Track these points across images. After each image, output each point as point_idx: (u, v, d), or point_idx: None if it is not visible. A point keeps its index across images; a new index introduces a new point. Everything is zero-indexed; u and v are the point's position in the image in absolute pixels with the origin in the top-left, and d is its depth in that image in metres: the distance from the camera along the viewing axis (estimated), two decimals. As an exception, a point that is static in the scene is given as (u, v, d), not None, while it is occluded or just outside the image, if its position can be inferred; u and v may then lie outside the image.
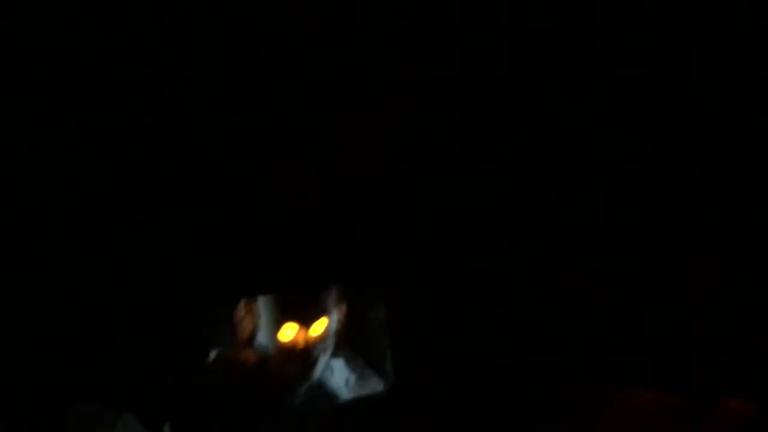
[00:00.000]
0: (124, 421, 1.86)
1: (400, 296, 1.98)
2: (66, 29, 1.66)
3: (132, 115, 1.74)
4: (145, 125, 1.77)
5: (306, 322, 1.99)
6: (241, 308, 2.04)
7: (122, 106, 1.73)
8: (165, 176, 1.82)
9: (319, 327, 2.01)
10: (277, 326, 2.00)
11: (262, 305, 2.02)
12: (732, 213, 1.94)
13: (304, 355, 1.97)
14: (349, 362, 2.20)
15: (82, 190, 1.74)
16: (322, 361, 2.05)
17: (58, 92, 1.67)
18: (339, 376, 2.12)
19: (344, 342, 2.15)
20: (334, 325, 2.07)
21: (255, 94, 1.83)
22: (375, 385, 2.16)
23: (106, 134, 1.74)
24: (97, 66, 1.69)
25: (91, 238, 1.76)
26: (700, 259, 1.97)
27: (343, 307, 2.12)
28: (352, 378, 2.15)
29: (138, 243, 1.81)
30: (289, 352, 1.97)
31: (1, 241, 1.68)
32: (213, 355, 1.92)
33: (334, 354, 2.11)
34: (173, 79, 1.77)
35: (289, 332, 1.99)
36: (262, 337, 2.07)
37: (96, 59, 1.69)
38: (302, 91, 1.87)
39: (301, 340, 1.97)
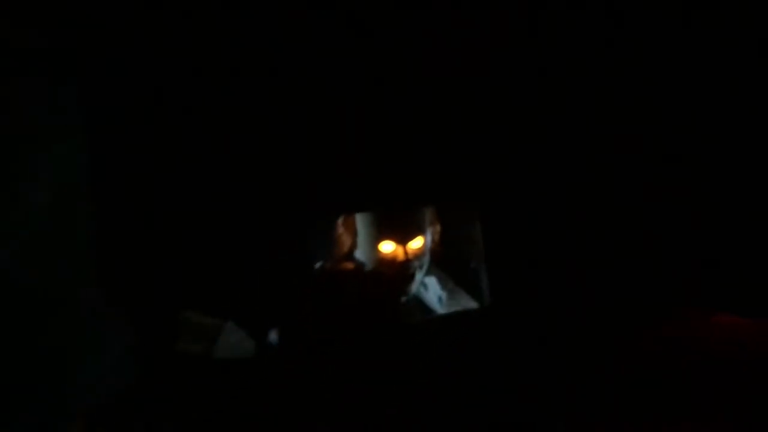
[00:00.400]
0: (228, 328, 1.96)
1: (496, 214, 2.01)
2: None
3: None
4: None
5: (403, 239, 2.05)
6: (340, 225, 2.11)
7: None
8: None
9: (416, 244, 2.06)
10: (376, 243, 2.06)
11: (360, 223, 2.08)
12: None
13: (402, 269, 2.03)
14: (440, 280, 2.29)
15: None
16: (418, 277, 2.11)
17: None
18: (432, 292, 2.20)
19: (435, 261, 2.22)
20: (429, 244, 2.12)
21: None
22: (466, 303, 2.24)
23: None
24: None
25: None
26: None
27: (437, 226, 2.18)
28: (444, 295, 2.24)
29: (250, 163, 1.86)
30: (389, 264, 2.03)
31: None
32: (316, 266, 1.99)
33: (428, 272, 2.18)
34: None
35: (387, 247, 2.05)
36: (359, 254, 2.13)
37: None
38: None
39: (400, 254, 2.03)
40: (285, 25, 1.83)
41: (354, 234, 2.12)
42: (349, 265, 2.08)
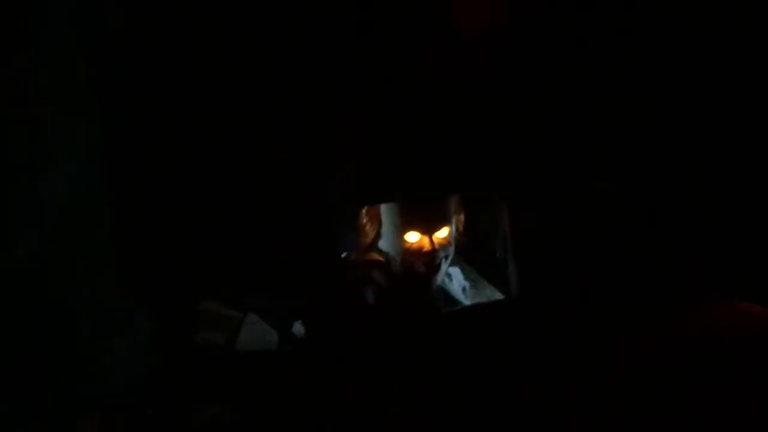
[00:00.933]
0: (250, 320, 1.94)
1: (524, 202, 1.96)
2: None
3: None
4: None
5: (429, 229, 2.00)
6: (363, 215, 2.07)
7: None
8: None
9: (442, 234, 2.02)
10: (401, 233, 2.02)
11: (385, 212, 2.04)
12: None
13: (428, 259, 1.99)
14: (463, 270, 2.24)
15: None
16: (444, 267, 2.06)
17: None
18: (456, 283, 2.15)
19: (459, 251, 2.17)
20: (454, 233, 2.08)
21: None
22: (491, 294, 2.20)
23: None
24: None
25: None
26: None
27: (461, 215, 2.13)
28: (468, 285, 2.19)
29: (272, 153, 1.84)
30: (415, 254, 1.99)
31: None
32: (341, 256, 1.95)
33: (452, 262, 2.13)
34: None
35: (413, 237, 2.00)
36: (383, 244, 2.09)
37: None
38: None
39: (426, 244, 1.98)
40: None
41: (378, 224, 2.07)
42: (376, 256, 2.04)
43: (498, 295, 2.15)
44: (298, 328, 1.98)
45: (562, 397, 1.60)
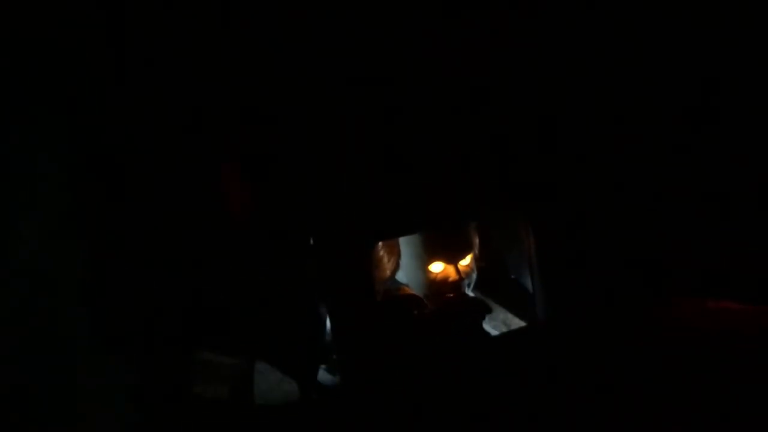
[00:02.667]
0: (260, 368, 1.81)
1: (547, 223, 1.92)
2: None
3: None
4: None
5: (454, 257, 1.93)
6: (380, 248, 1.95)
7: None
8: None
9: (466, 261, 1.95)
10: (424, 264, 1.93)
11: (405, 243, 1.94)
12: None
13: (455, 288, 1.91)
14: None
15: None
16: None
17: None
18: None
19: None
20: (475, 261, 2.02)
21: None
22: (503, 318, 2.14)
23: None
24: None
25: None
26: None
27: (477, 240, 2.07)
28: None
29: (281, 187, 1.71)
30: (441, 285, 1.91)
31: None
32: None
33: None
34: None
35: (437, 267, 1.92)
36: (403, 276, 2.00)
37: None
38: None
39: (452, 273, 1.90)
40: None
41: (397, 256, 1.96)
42: (408, 290, 1.93)
43: (518, 322, 2.09)
44: (326, 376, 1.83)
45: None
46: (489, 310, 1.87)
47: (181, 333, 1.74)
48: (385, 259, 1.96)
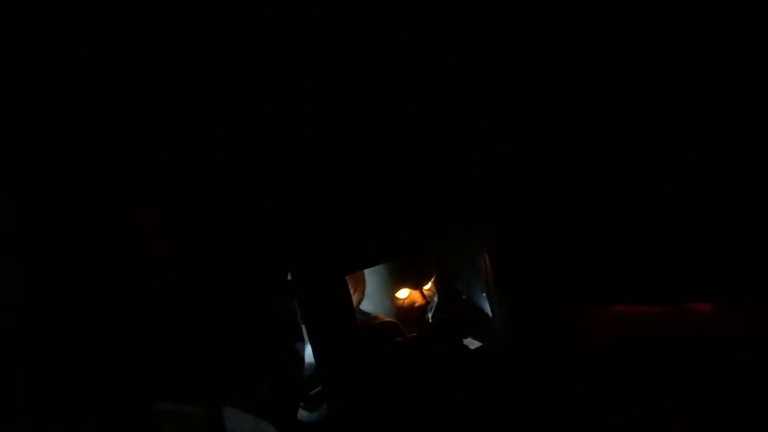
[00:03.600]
0: (229, 413, 1.78)
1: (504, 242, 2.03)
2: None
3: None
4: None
5: (418, 282, 2.00)
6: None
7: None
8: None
9: (428, 286, 2.03)
10: (391, 291, 1.99)
11: (371, 275, 2.00)
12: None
13: (420, 313, 1.98)
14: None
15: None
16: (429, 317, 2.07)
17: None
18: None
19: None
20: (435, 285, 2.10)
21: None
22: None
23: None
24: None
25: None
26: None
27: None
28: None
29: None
30: (408, 311, 1.97)
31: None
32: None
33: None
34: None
35: (403, 293, 1.98)
36: (368, 305, 2.04)
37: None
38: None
39: (418, 298, 1.97)
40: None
41: (363, 286, 2.00)
42: (383, 318, 1.97)
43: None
44: (302, 413, 1.84)
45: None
46: (473, 327, 1.95)
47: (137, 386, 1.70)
48: (351, 290, 1.99)
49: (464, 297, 2.20)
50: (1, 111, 1.52)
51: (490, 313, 2.09)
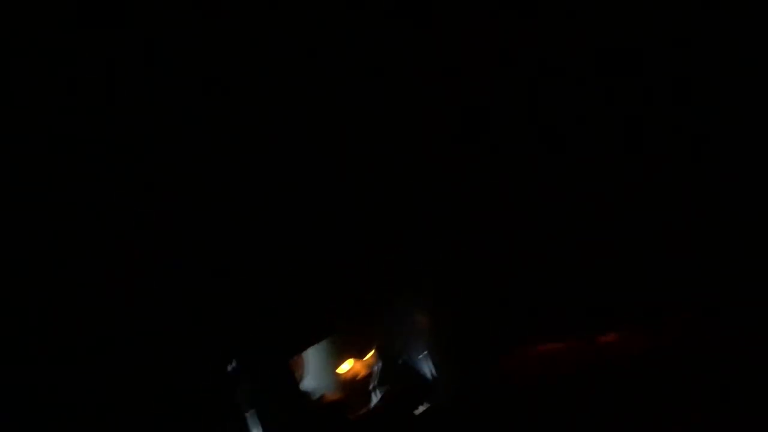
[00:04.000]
0: None
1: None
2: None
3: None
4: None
5: (361, 353, 1.94)
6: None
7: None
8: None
9: (371, 355, 1.96)
10: (333, 367, 1.91)
11: (312, 353, 1.90)
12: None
13: (364, 384, 1.91)
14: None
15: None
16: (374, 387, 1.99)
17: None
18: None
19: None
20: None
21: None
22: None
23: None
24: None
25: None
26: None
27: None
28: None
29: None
30: (351, 384, 1.89)
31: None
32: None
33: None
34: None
35: (345, 367, 1.91)
36: (309, 384, 1.93)
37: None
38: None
39: (360, 370, 1.90)
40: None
41: (302, 368, 1.90)
42: (331, 396, 1.86)
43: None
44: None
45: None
46: (427, 392, 1.89)
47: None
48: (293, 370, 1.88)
49: (400, 361, 2.14)
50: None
51: (429, 373, 2.04)
